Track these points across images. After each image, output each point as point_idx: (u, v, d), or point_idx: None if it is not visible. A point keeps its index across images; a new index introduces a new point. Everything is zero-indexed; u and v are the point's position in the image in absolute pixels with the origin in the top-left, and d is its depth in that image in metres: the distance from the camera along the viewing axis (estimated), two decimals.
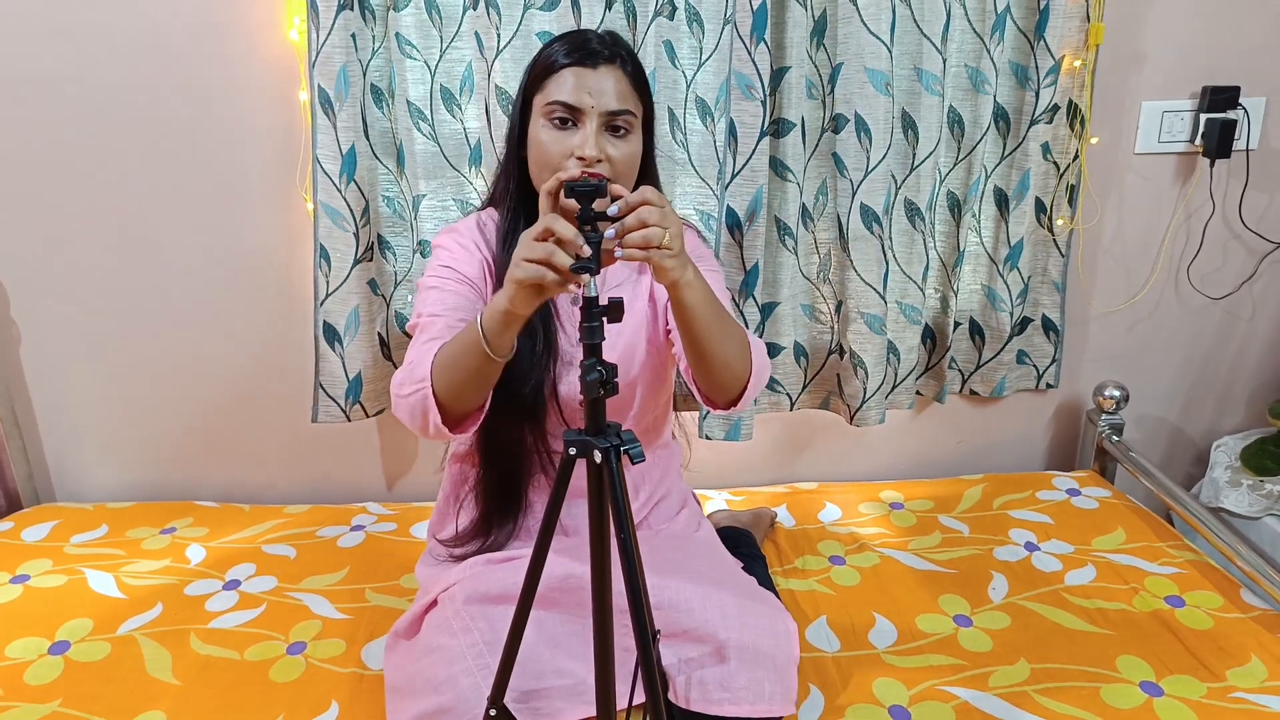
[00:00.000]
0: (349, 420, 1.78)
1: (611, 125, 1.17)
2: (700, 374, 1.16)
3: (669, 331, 1.29)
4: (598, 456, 0.90)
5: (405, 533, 1.74)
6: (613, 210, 0.96)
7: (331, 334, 1.73)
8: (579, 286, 0.92)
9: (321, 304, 1.71)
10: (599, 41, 1.19)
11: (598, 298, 0.90)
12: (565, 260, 0.92)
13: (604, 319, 0.90)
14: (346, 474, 1.96)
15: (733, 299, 1.73)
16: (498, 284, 1.25)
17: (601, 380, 0.89)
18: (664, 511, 1.41)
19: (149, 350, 1.85)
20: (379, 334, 1.78)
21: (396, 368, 1.82)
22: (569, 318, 1.28)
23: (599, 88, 1.16)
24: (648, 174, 1.28)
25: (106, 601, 1.52)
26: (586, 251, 0.92)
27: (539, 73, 1.19)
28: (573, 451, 0.92)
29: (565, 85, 1.16)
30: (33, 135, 1.70)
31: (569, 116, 1.16)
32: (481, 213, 1.33)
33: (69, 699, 1.30)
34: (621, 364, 1.26)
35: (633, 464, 0.91)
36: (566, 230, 0.93)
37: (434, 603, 1.27)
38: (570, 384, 1.26)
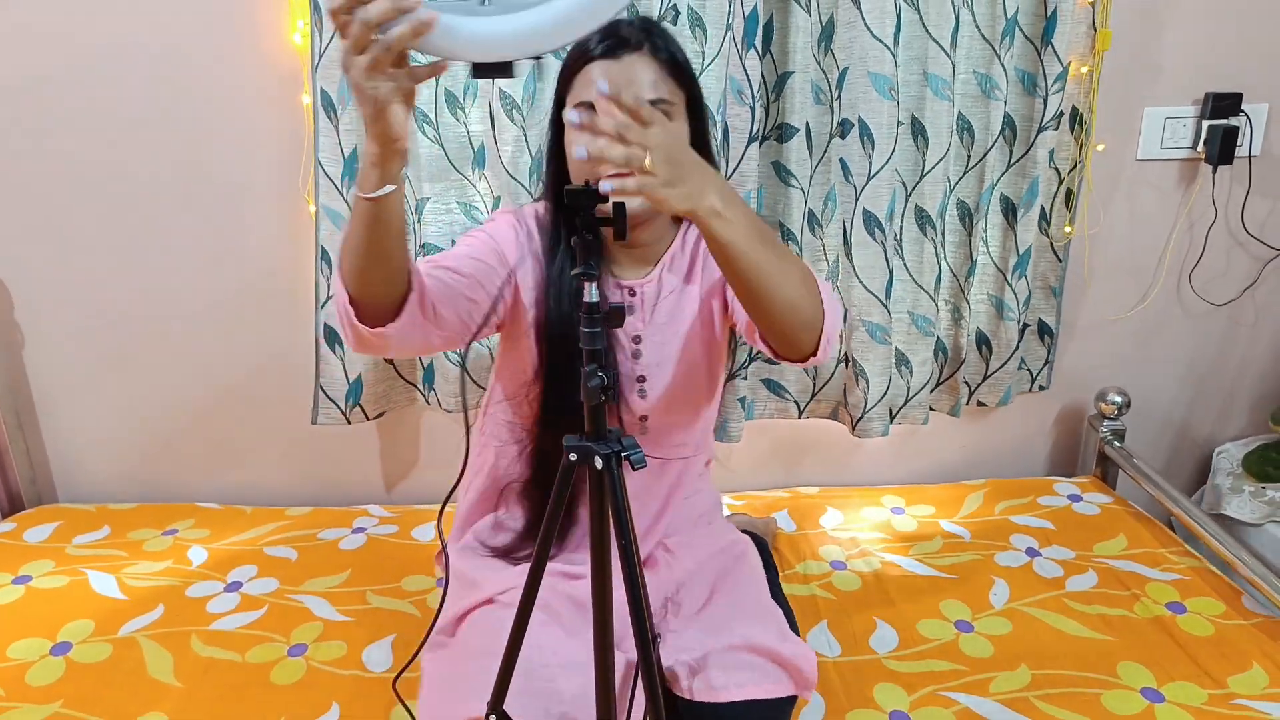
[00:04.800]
0: (349, 423, 1.78)
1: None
2: (765, 327, 1.01)
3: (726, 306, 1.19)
4: (599, 463, 0.90)
5: (406, 535, 1.74)
6: (603, 87, 0.84)
7: (332, 337, 1.73)
8: (428, 76, 0.82)
9: (323, 306, 1.71)
10: (625, 29, 1.11)
11: (599, 303, 0.87)
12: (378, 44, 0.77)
13: (605, 325, 0.89)
14: (348, 476, 1.96)
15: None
16: (545, 286, 1.18)
17: (603, 386, 0.88)
18: (690, 510, 1.38)
19: (151, 352, 1.85)
20: None
21: (397, 371, 1.84)
22: (622, 328, 1.21)
23: (625, 78, 1.07)
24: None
25: (108, 603, 1.52)
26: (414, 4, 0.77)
27: (567, 71, 1.14)
28: (573, 458, 0.91)
29: (588, 83, 1.09)
30: (37, 138, 1.71)
31: None
32: (539, 204, 1.27)
33: (70, 700, 1.30)
34: (681, 380, 1.23)
35: (633, 470, 0.91)
36: (371, 11, 0.76)
37: (487, 600, 1.22)
38: (627, 402, 1.23)
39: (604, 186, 0.84)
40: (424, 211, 1.73)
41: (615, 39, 1.10)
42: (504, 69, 0.82)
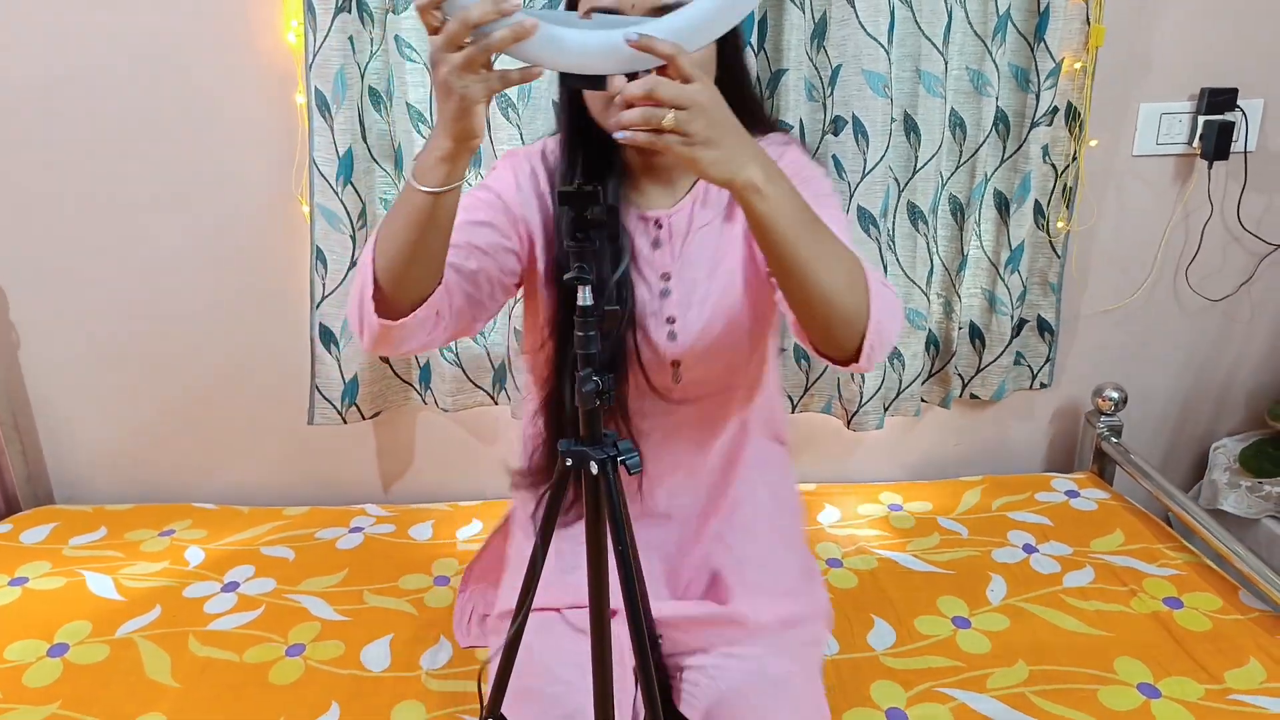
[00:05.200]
0: (345, 422, 1.78)
1: None
2: (800, 316, 0.94)
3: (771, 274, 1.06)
4: (594, 468, 0.88)
5: (404, 534, 1.74)
6: (632, 35, 0.78)
7: (328, 336, 1.73)
8: (520, 80, 0.79)
9: (317, 306, 1.71)
10: None
11: (594, 306, 0.85)
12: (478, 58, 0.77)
13: (600, 326, 0.86)
14: (345, 476, 1.96)
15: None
16: (556, 226, 1.09)
17: (598, 391, 0.86)
18: (761, 512, 1.25)
19: (147, 353, 1.85)
20: None
21: (394, 371, 1.84)
22: (648, 263, 1.12)
23: None
24: (739, 92, 1.01)
25: (105, 604, 1.52)
26: (514, 6, 0.75)
27: None
28: (569, 463, 0.89)
29: None
30: (31, 138, 1.70)
31: None
32: (550, 139, 1.16)
33: (68, 701, 1.30)
34: (716, 324, 1.12)
35: (630, 474, 0.88)
36: (472, 12, 0.75)
37: (555, 609, 1.18)
38: (655, 345, 1.11)
39: (618, 136, 0.80)
40: None
41: None
42: (596, 81, 0.82)
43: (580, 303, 0.85)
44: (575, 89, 1.00)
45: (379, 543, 1.71)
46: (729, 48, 1.06)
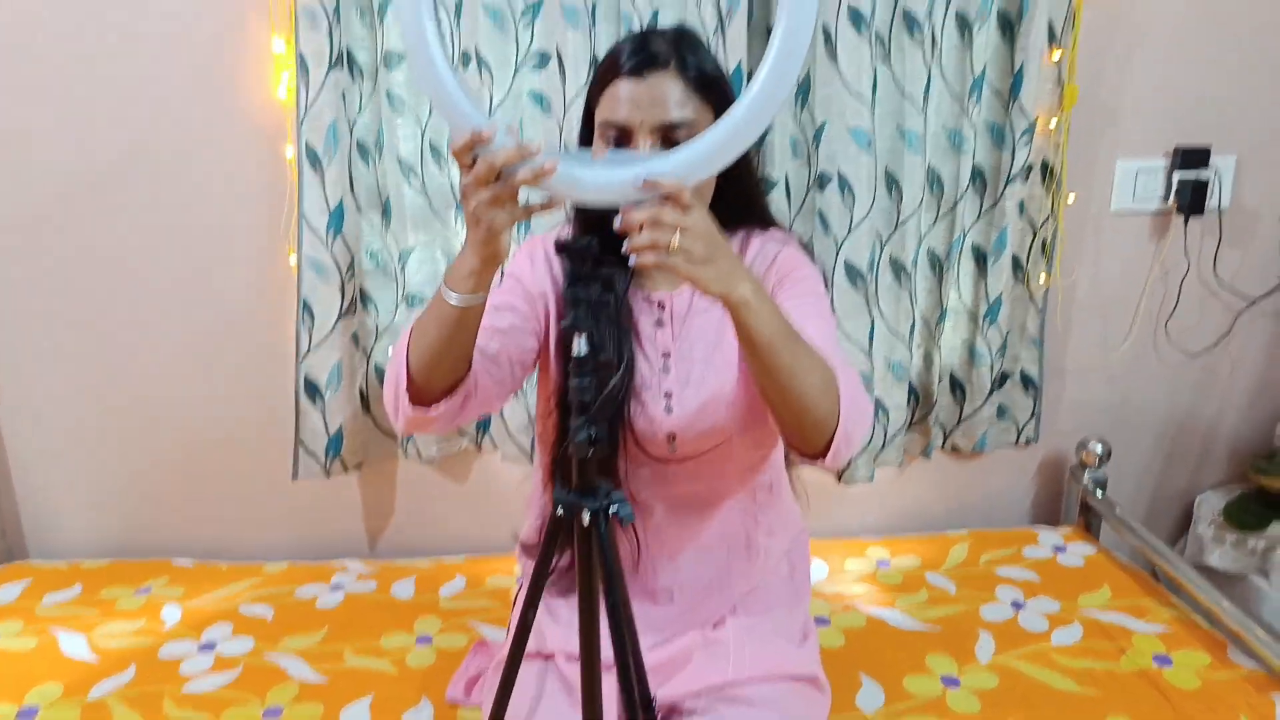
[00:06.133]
0: (328, 476, 1.76)
1: (669, 140, 1.04)
2: (775, 413, 1.03)
3: None
4: (586, 518, 0.89)
5: (385, 592, 1.71)
6: (638, 180, 0.87)
7: (312, 389, 1.72)
8: (540, 211, 0.90)
9: (303, 359, 1.70)
10: (656, 42, 1.07)
11: (588, 356, 0.88)
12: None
13: (594, 375, 0.88)
14: (327, 530, 1.93)
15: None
16: (562, 305, 1.17)
17: (590, 440, 0.88)
18: (762, 574, 1.31)
19: (127, 405, 1.83)
20: (360, 389, 1.77)
21: (375, 424, 1.82)
22: (650, 341, 1.18)
23: (649, 98, 1.04)
24: (744, 189, 1.17)
25: (77, 665, 1.48)
26: (536, 149, 0.86)
27: (594, 88, 1.11)
28: (560, 512, 0.90)
29: (613, 102, 1.06)
30: (16, 187, 1.70)
31: (622, 138, 1.06)
32: (565, 226, 1.26)
33: None
34: (712, 403, 1.16)
35: (621, 526, 0.90)
36: (499, 156, 0.85)
37: (548, 655, 1.20)
38: (651, 418, 1.16)
39: (633, 260, 0.87)
40: (409, 261, 1.73)
41: (645, 55, 1.06)
42: (608, 210, 0.91)
43: (575, 352, 0.88)
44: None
45: (360, 600, 1.68)
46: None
